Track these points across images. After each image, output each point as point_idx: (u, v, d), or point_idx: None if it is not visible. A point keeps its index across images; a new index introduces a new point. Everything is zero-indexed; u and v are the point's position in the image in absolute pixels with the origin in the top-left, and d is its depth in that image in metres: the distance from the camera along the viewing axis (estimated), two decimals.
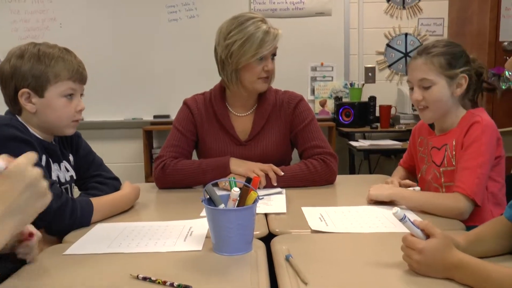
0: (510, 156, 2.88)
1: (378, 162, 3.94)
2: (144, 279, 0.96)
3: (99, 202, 1.42)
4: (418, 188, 1.63)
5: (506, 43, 3.28)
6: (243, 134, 1.91)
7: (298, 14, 3.88)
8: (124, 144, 4.11)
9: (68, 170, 1.53)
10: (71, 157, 1.57)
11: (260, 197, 1.11)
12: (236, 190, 1.08)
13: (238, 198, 1.09)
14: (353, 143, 3.42)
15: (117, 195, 1.52)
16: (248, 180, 1.12)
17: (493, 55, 3.31)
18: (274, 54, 1.83)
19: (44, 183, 0.84)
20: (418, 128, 1.81)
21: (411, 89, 1.63)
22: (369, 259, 1.06)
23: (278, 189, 1.70)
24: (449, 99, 1.57)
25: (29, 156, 0.86)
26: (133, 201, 1.57)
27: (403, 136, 3.57)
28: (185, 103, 1.95)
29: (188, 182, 1.80)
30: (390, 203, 1.50)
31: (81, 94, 1.48)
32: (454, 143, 1.55)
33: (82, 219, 1.35)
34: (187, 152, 1.90)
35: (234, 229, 1.06)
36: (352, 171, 3.72)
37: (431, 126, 1.74)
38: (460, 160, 1.51)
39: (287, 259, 1.04)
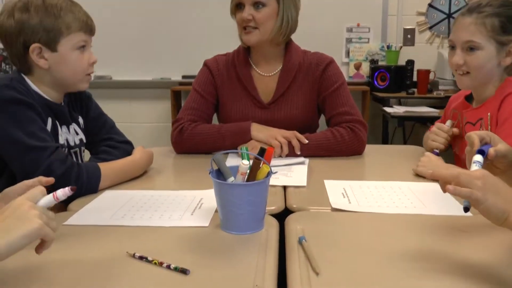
0: None
1: (413, 130, 3.76)
2: (141, 258, 0.88)
3: (108, 168, 1.34)
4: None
5: None
6: (266, 96, 1.79)
7: None
8: (152, 104, 4.04)
9: (77, 133, 1.45)
10: (81, 120, 1.49)
11: (274, 171, 0.99)
12: (245, 163, 0.96)
13: (247, 172, 0.98)
14: (387, 109, 3.24)
15: (128, 161, 1.44)
16: (262, 151, 1.01)
17: None
18: (257, 3, 1.67)
19: (28, 209, 0.78)
20: (455, 99, 1.64)
21: (451, 48, 1.45)
22: (394, 246, 0.94)
23: (301, 159, 1.58)
24: (495, 68, 1.40)
25: (31, 194, 0.82)
26: (145, 167, 1.49)
27: (441, 103, 3.36)
28: (205, 64, 1.85)
29: (206, 148, 1.71)
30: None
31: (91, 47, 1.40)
32: (489, 117, 1.39)
33: (89, 185, 1.27)
34: (207, 116, 1.80)
35: (243, 206, 0.96)
36: (385, 138, 3.55)
37: (468, 98, 1.56)
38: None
39: (300, 242, 0.93)
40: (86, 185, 1.26)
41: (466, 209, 0.83)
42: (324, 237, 0.99)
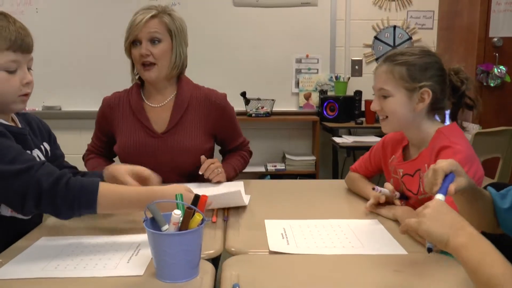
0: (498, 157, 2.79)
1: None
2: None
3: (110, 189, 1.20)
4: (397, 193, 1.49)
5: (496, 39, 3.17)
6: (159, 126, 1.86)
7: (283, 4, 3.73)
8: None
9: (40, 159, 1.38)
10: (45, 146, 1.44)
11: (207, 219, 1.00)
12: (176, 213, 0.96)
13: (180, 221, 0.98)
14: (336, 139, 3.31)
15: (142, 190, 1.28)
16: (196, 198, 1.01)
17: (482, 51, 3.20)
18: (154, 39, 1.78)
19: None
20: (392, 144, 1.63)
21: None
22: None
23: (237, 187, 1.57)
24: (409, 114, 1.43)
25: None
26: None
27: None
28: (102, 101, 1.95)
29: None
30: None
31: (29, 68, 1.30)
32: (426, 167, 1.43)
33: (82, 199, 1.15)
34: (97, 148, 1.97)
35: (176, 255, 0.95)
36: (335, 167, 3.61)
37: (404, 149, 1.59)
38: None
39: None
40: (79, 198, 1.14)
41: (430, 250, 0.94)
42: (259, 282, 0.99)
